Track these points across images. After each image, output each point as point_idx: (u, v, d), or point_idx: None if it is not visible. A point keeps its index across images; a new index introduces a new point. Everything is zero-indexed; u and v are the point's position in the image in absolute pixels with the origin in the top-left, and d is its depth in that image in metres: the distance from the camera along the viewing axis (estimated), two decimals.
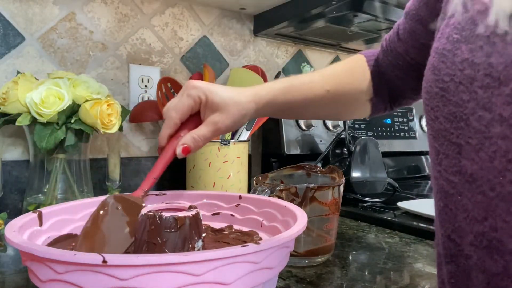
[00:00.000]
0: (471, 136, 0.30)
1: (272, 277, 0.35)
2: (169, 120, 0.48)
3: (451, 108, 0.31)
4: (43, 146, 0.66)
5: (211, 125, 0.47)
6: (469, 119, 0.30)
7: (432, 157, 0.36)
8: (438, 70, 0.33)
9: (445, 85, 0.32)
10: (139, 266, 0.27)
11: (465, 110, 0.30)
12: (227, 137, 0.88)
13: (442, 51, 0.33)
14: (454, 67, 0.31)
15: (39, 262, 0.30)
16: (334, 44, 1.25)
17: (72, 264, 0.28)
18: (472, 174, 0.30)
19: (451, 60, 0.32)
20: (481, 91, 0.29)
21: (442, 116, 0.33)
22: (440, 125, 0.33)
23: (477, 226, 0.30)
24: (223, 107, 0.47)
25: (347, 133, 0.96)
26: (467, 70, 0.30)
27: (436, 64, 0.33)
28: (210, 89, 0.47)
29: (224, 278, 0.30)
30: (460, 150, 0.31)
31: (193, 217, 0.39)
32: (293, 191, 0.52)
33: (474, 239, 0.31)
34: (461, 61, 0.30)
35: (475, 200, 0.30)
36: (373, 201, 0.89)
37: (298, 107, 0.53)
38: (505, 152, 0.28)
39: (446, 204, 0.33)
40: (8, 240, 0.32)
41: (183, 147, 0.48)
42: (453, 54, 0.31)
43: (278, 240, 0.33)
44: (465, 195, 0.31)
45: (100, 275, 0.28)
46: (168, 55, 0.98)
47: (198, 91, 0.47)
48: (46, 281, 0.30)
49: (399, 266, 0.53)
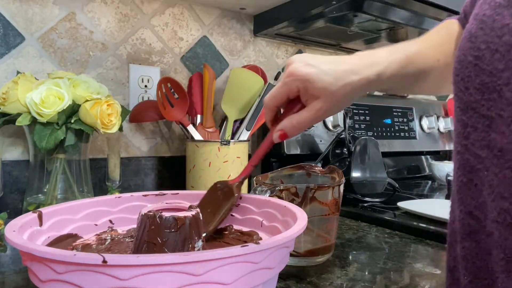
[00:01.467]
0: (503, 108, 0.29)
1: (272, 277, 0.35)
2: (265, 107, 0.48)
3: (484, 78, 0.30)
4: (43, 146, 0.66)
5: (313, 112, 0.44)
6: (502, 90, 0.29)
7: (458, 131, 0.34)
8: (475, 37, 0.31)
9: (480, 53, 0.30)
10: (139, 266, 0.27)
11: (498, 80, 0.29)
12: (227, 137, 0.88)
13: (482, 17, 0.31)
14: (493, 34, 0.30)
15: (39, 262, 0.30)
16: (334, 44, 1.25)
17: (72, 264, 0.28)
18: (502, 149, 0.29)
19: (490, 26, 0.30)
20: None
21: (473, 87, 0.31)
22: (470, 96, 0.32)
23: (502, 202, 0.29)
24: (325, 94, 0.43)
25: (347, 133, 0.96)
26: (506, 37, 0.28)
27: (473, 31, 0.32)
28: (309, 78, 0.42)
29: (224, 278, 0.30)
30: (490, 123, 0.30)
31: (193, 217, 0.39)
32: (293, 191, 0.52)
33: (497, 216, 0.30)
34: (501, 27, 0.29)
35: (503, 175, 0.29)
36: (373, 201, 0.89)
37: (413, 81, 0.48)
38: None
39: (471, 179, 0.32)
40: (8, 240, 0.32)
41: (280, 133, 0.46)
42: (493, 20, 0.30)
43: (278, 240, 0.33)
44: (492, 170, 0.30)
45: (100, 275, 0.28)
46: (168, 55, 0.98)
47: (295, 80, 0.43)
48: (46, 281, 0.30)
49: (399, 266, 0.53)
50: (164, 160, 0.97)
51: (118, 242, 0.47)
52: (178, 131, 1.00)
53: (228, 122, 0.90)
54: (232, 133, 0.90)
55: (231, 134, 0.89)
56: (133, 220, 0.50)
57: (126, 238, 0.48)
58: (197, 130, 0.86)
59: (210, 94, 0.88)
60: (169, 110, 0.83)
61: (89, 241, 0.46)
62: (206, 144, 0.82)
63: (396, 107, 1.28)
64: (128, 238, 0.48)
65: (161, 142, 0.98)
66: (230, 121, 0.90)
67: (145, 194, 0.53)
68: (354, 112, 1.16)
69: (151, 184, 0.96)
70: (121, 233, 0.49)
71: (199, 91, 0.90)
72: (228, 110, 0.90)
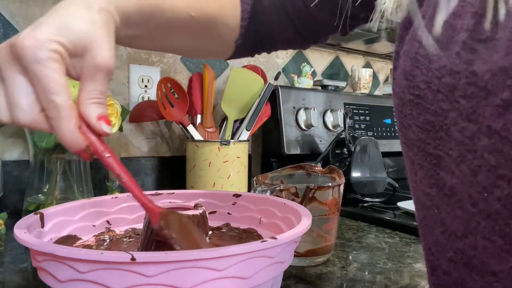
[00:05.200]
0: (451, 148, 0.27)
1: (283, 271, 0.36)
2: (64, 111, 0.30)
3: (428, 117, 0.28)
4: (43, 146, 0.66)
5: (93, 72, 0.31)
6: (450, 130, 0.26)
7: (407, 166, 0.32)
8: (412, 76, 0.29)
9: (421, 92, 0.28)
10: (166, 263, 0.28)
11: (445, 120, 0.27)
12: (227, 137, 0.88)
13: (415, 55, 0.29)
14: (431, 74, 0.27)
15: (59, 262, 0.29)
16: (334, 44, 1.25)
17: (97, 262, 0.28)
18: (452, 188, 0.27)
19: (426, 67, 0.28)
20: (464, 101, 0.25)
21: (415, 125, 0.29)
22: (413, 134, 0.29)
23: (456, 242, 0.28)
24: (89, 42, 0.30)
25: (347, 133, 0.96)
26: (446, 78, 0.26)
27: (408, 70, 0.29)
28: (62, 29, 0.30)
29: (244, 273, 0.30)
30: (438, 161, 0.28)
31: (200, 216, 0.39)
32: (293, 191, 0.52)
33: (454, 255, 0.28)
34: (439, 68, 0.27)
35: (455, 215, 0.27)
36: (373, 201, 0.89)
37: (159, 32, 0.42)
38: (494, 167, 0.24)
39: (424, 216, 0.31)
40: (24, 242, 0.31)
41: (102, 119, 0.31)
42: (429, 60, 0.28)
43: (293, 235, 0.34)
44: (443, 209, 0.28)
45: (125, 273, 0.28)
46: (168, 55, 0.98)
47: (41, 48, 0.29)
48: (65, 281, 0.30)
49: (399, 266, 0.53)
50: (164, 160, 0.97)
51: (117, 243, 0.47)
52: (178, 131, 1.00)
53: (228, 122, 0.90)
54: (232, 133, 0.90)
55: (231, 134, 0.89)
56: (130, 220, 0.50)
57: (124, 239, 0.48)
58: (197, 130, 0.86)
59: (210, 94, 0.88)
60: (169, 110, 0.83)
61: (89, 242, 0.46)
62: (206, 144, 0.82)
63: None
64: (126, 239, 0.48)
65: (161, 142, 0.98)
66: (230, 121, 0.90)
67: None
68: (354, 112, 1.16)
69: (151, 184, 0.96)
70: (119, 233, 0.49)
71: (199, 91, 0.90)
72: (228, 110, 0.90)
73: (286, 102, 1.02)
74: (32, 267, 0.50)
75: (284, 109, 1.01)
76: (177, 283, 0.28)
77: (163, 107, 0.83)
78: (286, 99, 1.02)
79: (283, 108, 1.01)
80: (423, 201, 0.30)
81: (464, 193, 0.26)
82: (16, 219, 0.40)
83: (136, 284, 0.28)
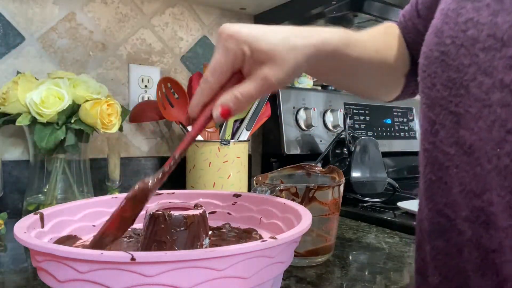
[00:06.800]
0: (471, 105, 0.28)
1: (283, 271, 0.36)
2: (204, 84, 0.37)
3: (450, 74, 0.29)
4: (43, 146, 0.66)
5: (260, 80, 0.35)
6: (469, 86, 0.28)
7: (425, 128, 0.33)
8: (441, 32, 0.31)
9: (446, 48, 0.30)
10: (166, 263, 0.28)
11: (465, 76, 0.28)
12: (227, 137, 0.88)
13: (447, 11, 0.31)
14: (457, 28, 0.29)
15: (59, 262, 0.29)
16: None
17: (97, 262, 0.28)
18: (472, 145, 0.28)
19: (454, 21, 0.29)
20: (483, 54, 0.27)
21: (440, 83, 0.30)
22: (437, 93, 0.31)
23: (474, 200, 0.28)
24: (273, 56, 0.34)
25: (347, 133, 0.96)
26: (471, 31, 0.28)
27: (439, 26, 0.31)
28: (253, 35, 0.35)
29: (244, 273, 0.31)
30: (458, 119, 0.29)
31: (200, 216, 0.39)
32: (293, 191, 0.52)
33: (470, 214, 0.29)
34: (465, 21, 0.28)
35: (473, 172, 0.28)
36: (373, 201, 0.89)
37: (350, 67, 0.43)
38: (504, 121, 0.26)
39: (440, 177, 0.31)
40: (24, 242, 0.31)
41: (222, 108, 0.35)
42: (457, 14, 0.29)
43: (293, 235, 0.34)
44: (462, 167, 0.29)
45: (125, 273, 0.28)
46: (168, 55, 0.98)
47: (238, 42, 0.35)
48: (65, 281, 0.30)
49: (399, 266, 0.53)
50: (164, 160, 0.97)
51: (117, 243, 0.47)
52: (178, 131, 1.00)
53: (228, 122, 0.90)
54: (232, 133, 0.90)
55: (231, 134, 0.89)
56: None
57: (124, 239, 0.48)
58: None
59: None
60: (169, 110, 0.83)
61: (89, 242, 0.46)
62: (206, 144, 0.82)
63: (396, 107, 1.28)
64: (126, 239, 0.48)
65: (161, 142, 0.98)
66: (230, 121, 0.90)
67: None
68: (354, 112, 1.16)
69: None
70: None
71: None
72: None
73: (286, 102, 1.02)
74: (32, 267, 0.50)
75: (284, 109, 1.01)
76: (177, 283, 0.28)
77: (163, 107, 0.83)
78: (286, 99, 1.02)
79: (283, 108, 1.01)
80: (441, 161, 0.31)
81: (482, 150, 0.27)
82: (16, 219, 0.40)
83: (136, 284, 0.28)
